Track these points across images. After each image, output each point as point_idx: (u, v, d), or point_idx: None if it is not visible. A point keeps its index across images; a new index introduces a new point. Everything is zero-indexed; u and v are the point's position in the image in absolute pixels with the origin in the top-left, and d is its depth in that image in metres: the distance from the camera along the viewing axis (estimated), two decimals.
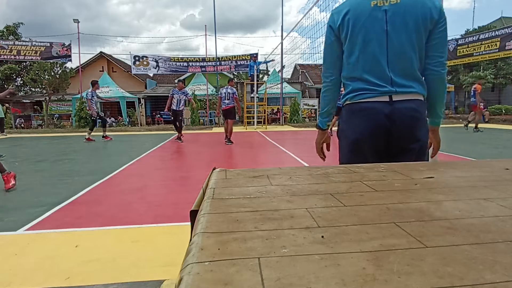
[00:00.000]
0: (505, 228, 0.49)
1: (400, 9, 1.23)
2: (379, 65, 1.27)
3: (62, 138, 10.96)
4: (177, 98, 8.74)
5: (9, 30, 20.35)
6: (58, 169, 5.08)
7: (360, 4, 1.29)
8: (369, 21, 1.26)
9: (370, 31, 1.26)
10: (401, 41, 1.24)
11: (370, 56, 1.28)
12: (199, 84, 19.04)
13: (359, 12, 1.28)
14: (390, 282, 0.34)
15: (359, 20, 1.28)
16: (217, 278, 0.35)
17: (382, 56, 1.26)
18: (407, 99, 1.26)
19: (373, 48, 1.27)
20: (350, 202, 0.63)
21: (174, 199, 3.32)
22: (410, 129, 1.27)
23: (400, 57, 1.25)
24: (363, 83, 1.30)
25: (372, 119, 1.28)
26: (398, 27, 1.24)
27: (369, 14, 1.26)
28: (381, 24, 1.25)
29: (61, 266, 1.89)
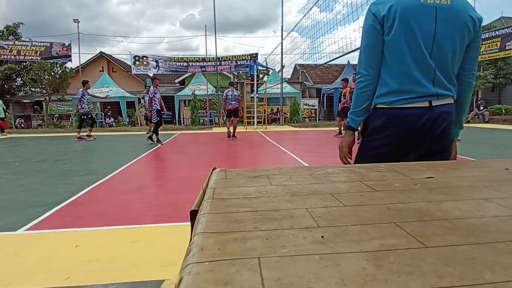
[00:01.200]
0: (505, 228, 0.49)
1: (451, 11, 1.19)
2: (424, 63, 1.21)
3: (62, 138, 10.96)
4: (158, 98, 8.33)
5: (9, 30, 20.35)
6: (58, 169, 5.08)
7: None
8: (418, 15, 1.19)
9: (417, 26, 1.19)
10: (447, 42, 1.20)
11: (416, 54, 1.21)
12: (199, 84, 19.03)
13: (407, 5, 1.20)
14: (390, 282, 0.34)
15: (406, 13, 1.19)
16: (217, 278, 0.35)
17: (427, 55, 1.21)
18: (444, 103, 1.24)
19: (419, 45, 1.20)
20: (350, 202, 0.63)
21: (174, 199, 3.32)
22: (447, 133, 1.26)
23: (443, 59, 1.21)
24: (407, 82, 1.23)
25: (412, 125, 1.23)
26: (447, 28, 1.19)
27: (418, 8, 1.19)
28: (430, 21, 1.19)
29: (61, 266, 1.89)
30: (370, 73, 1.31)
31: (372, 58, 1.30)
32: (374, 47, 1.29)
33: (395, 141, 1.27)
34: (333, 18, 18.50)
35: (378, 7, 1.27)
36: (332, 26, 5.91)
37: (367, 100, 1.34)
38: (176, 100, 19.20)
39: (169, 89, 22.14)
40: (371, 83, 1.32)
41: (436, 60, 1.21)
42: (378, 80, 1.31)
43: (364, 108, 1.36)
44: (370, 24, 1.29)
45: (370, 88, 1.32)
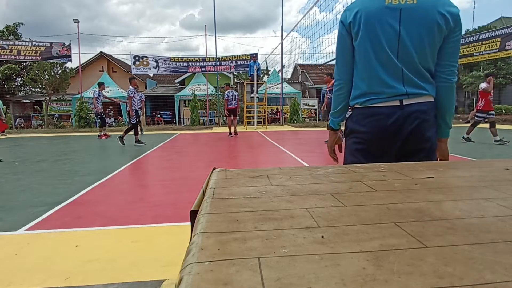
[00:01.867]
0: (505, 228, 0.49)
1: (416, 10, 1.19)
2: (390, 64, 1.24)
3: (62, 138, 10.96)
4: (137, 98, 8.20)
5: (9, 30, 20.35)
6: (58, 169, 5.08)
7: (373, 1, 1.25)
8: (381, 19, 1.22)
9: (381, 29, 1.22)
10: (413, 42, 1.21)
11: (381, 56, 1.25)
12: (199, 84, 19.04)
13: (372, 9, 1.24)
14: (390, 282, 0.34)
15: (370, 17, 1.23)
16: (217, 278, 0.35)
17: (393, 57, 1.23)
18: (417, 102, 1.24)
19: (384, 48, 1.23)
20: (350, 202, 0.63)
21: (174, 199, 3.32)
22: (420, 131, 1.25)
23: (410, 58, 1.22)
24: (375, 85, 1.28)
25: (382, 123, 1.27)
26: (411, 28, 1.20)
27: (382, 12, 1.22)
28: (393, 23, 1.21)
29: (61, 266, 1.89)
30: (341, 77, 1.38)
31: (342, 64, 1.37)
32: (343, 54, 1.36)
33: (369, 139, 1.31)
34: (333, 18, 18.46)
35: (346, 14, 1.32)
36: (332, 26, 5.96)
37: (341, 102, 1.42)
38: (176, 100, 19.20)
39: (169, 89, 22.14)
40: (343, 87, 1.39)
41: (404, 60, 1.23)
42: (350, 84, 1.37)
43: (340, 109, 1.44)
44: (339, 31, 1.35)
45: (342, 91, 1.40)
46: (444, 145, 1.37)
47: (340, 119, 1.48)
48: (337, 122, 1.49)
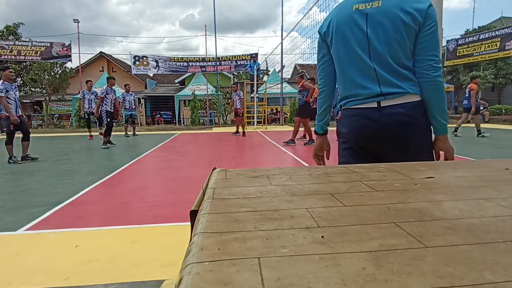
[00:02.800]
0: (505, 228, 0.49)
1: (381, 12, 1.23)
2: (363, 67, 1.28)
3: (62, 138, 10.96)
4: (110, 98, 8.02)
5: (9, 30, 20.35)
6: (58, 169, 5.08)
7: (343, 9, 1.32)
8: (349, 24, 1.28)
9: (351, 33, 1.28)
10: (381, 42, 1.24)
11: (354, 59, 1.29)
12: (199, 84, 19.05)
13: (341, 17, 1.31)
14: (390, 282, 0.34)
15: (340, 24, 1.30)
16: (217, 278, 0.35)
17: (366, 59, 1.27)
18: (395, 103, 1.24)
19: (355, 51, 1.27)
20: (350, 202, 0.63)
21: (174, 199, 3.32)
22: (400, 134, 1.25)
23: (382, 58, 1.25)
24: (351, 88, 1.32)
25: (362, 124, 1.30)
26: (378, 29, 1.24)
27: (350, 18, 1.28)
28: (361, 27, 1.26)
29: (61, 266, 1.89)
30: (321, 82, 1.47)
31: (321, 70, 1.45)
32: (321, 61, 1.44)
33: (351, 139, 1.36)
34: None
35: (322, 24, 1.40)
36: None
37: (322, 106, 1.50)
38: (176, 100, 19.21)
39: (169, 89, 22.15)
40: (322, 91, 1.48)
41: (376, 60, 1.26)
42: (330, 89, 1.46)
43: (321, 113, 1.51)
44: (318, 41, 1.45)
45: (322, 95, 1.49)
46: (441, 143, 1.32)
47: (323, 123, 1.53)
48: (320, 126, 1.53)
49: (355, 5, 1.28)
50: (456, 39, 15.81)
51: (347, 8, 1.30)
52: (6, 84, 5.45)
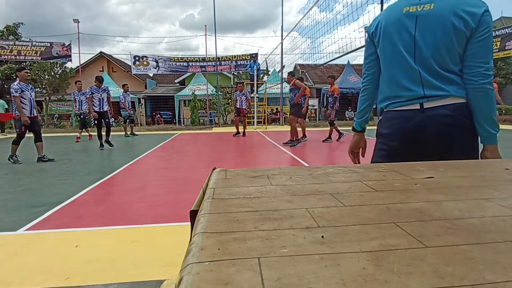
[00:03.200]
0: (505, 228, 0.49)
1: (432, 15, 1.22)
2: (408, 68, 1.28)
3: (62, 138, 10.96)
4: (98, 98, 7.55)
5: (9, 30, 20.36)
6: (58, 169, 5.08)
7: (393, 10, 1.32)
8: (398, 26, 1.28)
9: (399, 36, 1.29)
10: (428, 45, 1.24)
11: (399, 61, 1.30)
12: (199, 84, 19.05)
13: (390, 19, 1.32)
14: (390, 282, 0.34)
15: (389, 26, 1.32)
16: (217, 278, 0.35)
17: (411, 61, 1.27)
18: (438, 105, 1.23)
19: (401, 53, 1.28)
20: (350, 202, 0.63)
21: (174, 199, 3.32)
22: (442, 136, 1.24)
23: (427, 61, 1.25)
24: (395, 88, 1.33)
25: (402, 126, 1.30)
26: (427, 33, 1.23)
27: (398, 21, 1.28)
28: (409, 30, 1.26)
29: (61, 266, 1.89)
30: (365, 80, 1.49)
31: (366, 69, 1.47)
32: (367, 59, 1.46)
33: (391, 142, 1.35)
34: (333, 18, 18.62)
35: (371, 24, 1.43)
36: (332, 26, 5.95)
37: (363, 103, 1.52)
38: (176, 100, 19.21)
39: (169, 89, 22.14)
40: (365, 89, 1.50)
41: (421, 63, 1.26)
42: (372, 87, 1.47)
43: (361, 111, 1.52)
44: (366, 40, 1.47)
45: (364, 93, 1.51)
46: (489, 153, 1.26)
47: (362, 120, 1.53)
48: (359, 123, 1.54)
49: (405, 8, 1.28)
50: None
51: (398, 10, 1.30)
52: (21, 84, 5.50)
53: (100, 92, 7.53)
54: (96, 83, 7.55)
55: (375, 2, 2.97)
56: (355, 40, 5.94)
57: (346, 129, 13.16)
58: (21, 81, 5.51)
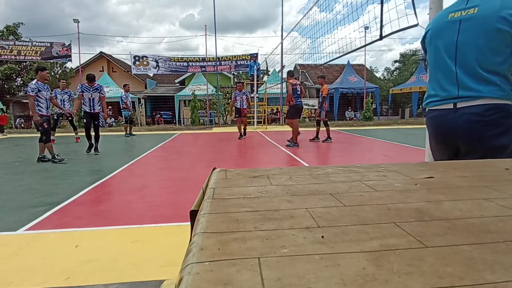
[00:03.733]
0: (505, 228, 0.49)
1: (476, 18, 1.29)
2: (447, 70, 1.38)
3: (62, 138, 10.95)
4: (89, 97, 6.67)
5: (9, 30, 20.36)
6: (58, 169, 5.08)
7: (440, 18, 1.45)
8: (443, 32, 1.40)
9: (441, 43, 1.40)
10: (469, 48, 1.30)
11: (440, 65, 1.41)
12: (199, 84, 19.04)
13: (436, 26, 1.44)
14: (390, 282, 0.34)
15: (434, 33, 1.44)
16: (217, 278, 0.35)
17: (450, 64, 1.36)
18: (471, 105, 1.31)
19: (442, 57, 1.39)
20: (350, 202, 0.63)
21: (174, 199, 3.32)
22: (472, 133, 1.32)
23: (468, 64, 1.31)
24: (435, 88, 1.44)
25: (437, 124, 1.45)
26: (469, 36, 1.30)
27: (442, 27, 1.40)
28: (452, 34, 1.36)
29: (61, 266, 1.89)
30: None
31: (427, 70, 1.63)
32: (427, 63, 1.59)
33: (431, 137, 1.54)
34: (333, 18, 18.57)
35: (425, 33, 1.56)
36: (332, 26, 5.98)
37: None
38: (176, 100, 19.20)
39: (169, 89, 22.14)
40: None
41: (462, 66, 1.34)
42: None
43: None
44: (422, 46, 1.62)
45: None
46: None
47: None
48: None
49: (451, 14, 1.38)
50: None
51: (443, 17, 1.42)
52: (39, 84, 5.48)
53: (91, 91, 6.69)
54: (87, 82, 6.78)
55: (375, 2, 2.97)
56: (355, 40, 5.94)
57: (346, 129, 13.16)
58: (39, 80, 5.49)
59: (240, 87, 9.50)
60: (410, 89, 19.06)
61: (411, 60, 26.12)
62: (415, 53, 25.61)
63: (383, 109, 23.97)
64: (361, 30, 4.78)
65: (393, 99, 22.18)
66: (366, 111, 17.43)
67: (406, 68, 26.56)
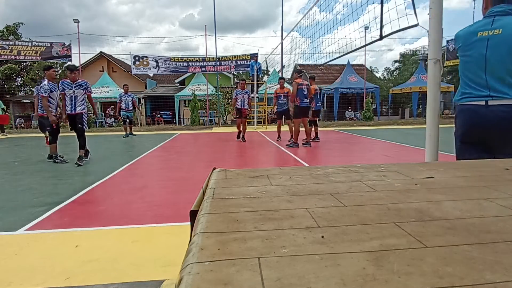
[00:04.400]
0: (505, 228, 0.49)
1: (500, 39, 1.65)
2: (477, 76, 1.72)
3: (62, 138, 10.95)
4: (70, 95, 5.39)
5: (9, 30, 20.36)
6: (58, 169, 5.08)
7: (471, 34, 1.76)
8: (472, 47, 1.74)
9: (473, 55, 1.74)
10: (497, 61, 1.65)
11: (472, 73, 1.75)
12: (199, 84, 19.03)
13: (467, 41, 1.77)
14: (390, 282, 0.34)
15: (466, 47, 1.78)
16: (217, 278, 0.35)
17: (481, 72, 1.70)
18: (501, 104, 1.63)
19: (474, 66, 1.73)
20: (350, 202, 0.63)
21: (174, 199, 3.32)
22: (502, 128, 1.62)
23: (496, 73, 1.66)
24: (467, 88, 1.76)
25: (470, 117, 1.73)
26: (496, 51, 1.66)
27: (474, 43, 1.73)
28: (481, 50, 1.70)
29: (61, 266, 1.89)
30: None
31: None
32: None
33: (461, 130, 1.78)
34: (333, 18, 18.56)
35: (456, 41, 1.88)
36: (332, 26, 5.96)
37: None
38: (176, 100, 19.20)
39: (169, 89, 22.14)
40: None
41: (491, 74, 1.68)
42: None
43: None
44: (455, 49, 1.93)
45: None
46: None
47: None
48: None
49: (480, 32, 1.72)
50: None
51: (474, 34, 1.74)
52: (51, 84, 5.41)
53: (74, 87, 5.32)
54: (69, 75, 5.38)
55: (375, 2, 2.98)
56: (355, 40, 5.93)
57: (346, 129, 13.16)
58: (50, 80, 5.43)
59: (243, 85, 8.68)
60: (410, 89, 19.06)
61: (411, 60, 26.13)
62: (415, 53, 25.60)
63: (383, 109, 23.98)
64: (361, 30, 4.79)
65: (393, 99, 22.18)
66: (366, 111, 17.43)
67: (406, 68, 26.57)
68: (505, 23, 1.66)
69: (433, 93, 2.16)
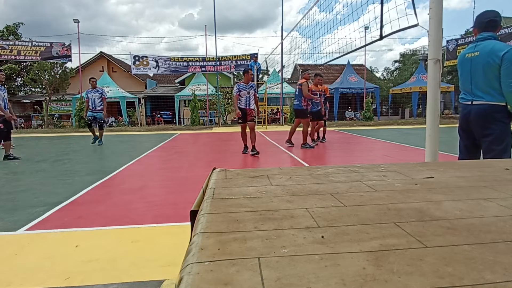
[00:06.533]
0: (505, 228, 0.49)
1: (478, 59, 2.34)
2: (466, 85, 2.46)
3: (62, 138, 10.96)
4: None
5: (9, 30, 20.35)
6: (58, 169, 5.08)
7: (463, 55, 2.49)
8: (462, 64, 2.49)
9: (464, 70, 2.48)
10: (477, 75, 2.36)
11: (463, 82, 2.49)
12: (199, 84, 19.04)
13: (460, 60, 2.52)
14: (390, 282, 0.34)
15: (460, 64, 2.53)
16: (217, 278, 0.35)
17: (468, 84, 2.43)
18: (480, 103, 2.35)
19: (464, 79, 2.47)
20: (350, 202, 0.63)
21: (174, 199, 3.32)
22: (480, 122, 2.34)
23: (477, 83, 2.36)
24: (461, 94, 2.53)
25: (463, 113, 2.48)
26: (476, 67, 2.35)
27: (464, 62, 2.47)
28: (468, 67, 2.43)
29: (61, 266, 1.89)
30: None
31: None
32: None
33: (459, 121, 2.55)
34: (333, 18, 18.55)
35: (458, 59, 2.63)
36: (332, 26, 5.95)
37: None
38: (176, 100, 19.21)
39: (169, 89, 22.14)
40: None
41: (474, 83, 2.39)
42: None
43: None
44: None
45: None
46: None
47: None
48: None
49: (467, 54, 2.44)
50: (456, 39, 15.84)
51: (464, 55, 2.47)
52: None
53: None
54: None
55: (375, 2, 2.98)
56: (355, 40, 5.93)
57: (346, 129, 13.16)
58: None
59: (249, 77, 6.16)
60: (410, 89, 19.06)
61: (411, 60, 26.12)
62: (415, 53, 25.60)
63: (383, 109, 23.97)
64: (361, 30, 4.78)
65: (393, 99, 22.17)
66: (366, 111, 17.43)
67: (406, 68, 26.56)
68: (481, 47, 2.35)
69: (433, 93, 2.17)
